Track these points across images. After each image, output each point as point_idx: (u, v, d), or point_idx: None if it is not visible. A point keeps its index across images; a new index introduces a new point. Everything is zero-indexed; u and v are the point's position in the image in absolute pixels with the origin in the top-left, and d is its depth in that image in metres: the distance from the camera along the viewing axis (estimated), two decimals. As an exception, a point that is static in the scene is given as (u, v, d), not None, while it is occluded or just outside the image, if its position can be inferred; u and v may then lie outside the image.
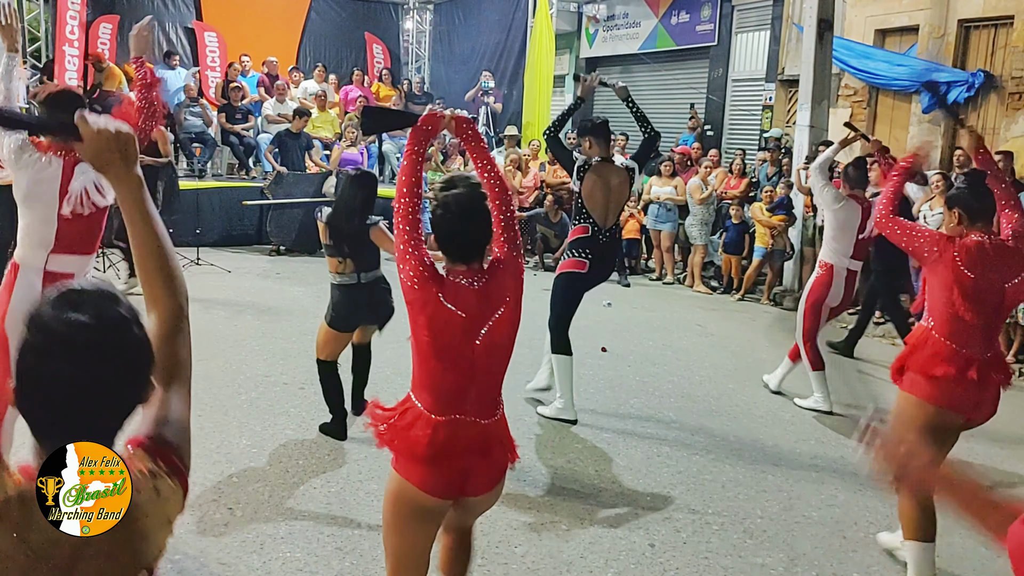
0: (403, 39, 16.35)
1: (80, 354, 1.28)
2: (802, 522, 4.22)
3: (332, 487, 4.24)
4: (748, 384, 6.45)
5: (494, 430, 2.55)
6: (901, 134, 10.31)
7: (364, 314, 4.86)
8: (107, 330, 1.31)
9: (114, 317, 1.33)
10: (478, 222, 2.50)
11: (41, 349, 1.29)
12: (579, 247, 5.33)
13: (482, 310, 2.45)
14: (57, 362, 1.28)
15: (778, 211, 9.47)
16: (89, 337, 1.29)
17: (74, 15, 12.21)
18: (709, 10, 13.51)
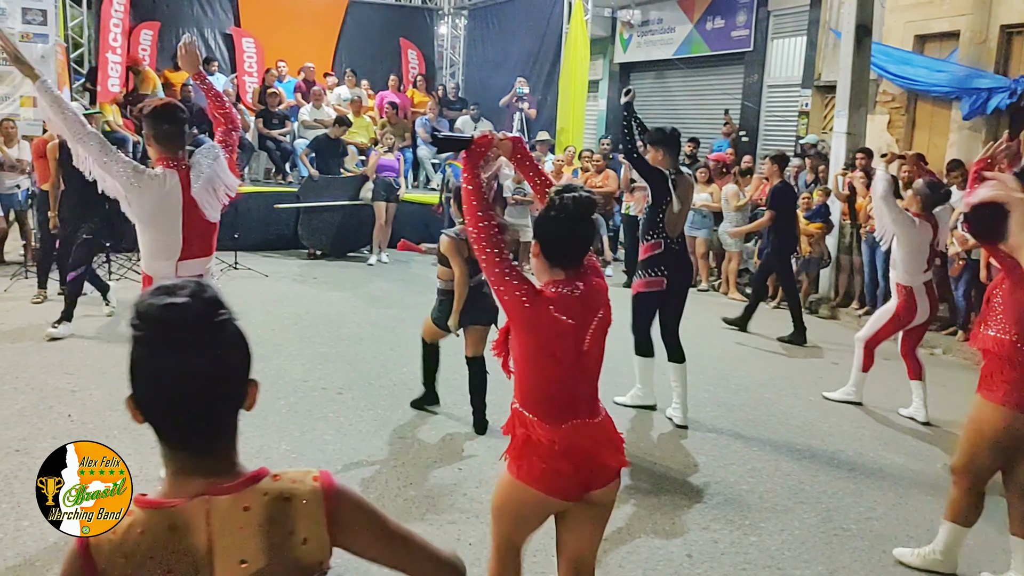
0: (438, 44, 16.44)
1: (184, 334, 1.31)
2: (841, 535, 4.19)
3: (371, 494, 4.28)
4: (785, 393, 6.41)
5: (606, 426, 2.62)
6: (941, 141, 10.18)
7: (471, 314, 5.12)
8: (204, 307, 1.33)
9: (208, 297, 1.35)
10: (589, 226, 2.56)
11: (146, 340, 1.31)
12: (655, 265, 5.43)
13: (585, 316, 2.51)
14: (165, 348, 1.30)
15: (815, 219, 9.39)
16: (188, 316, 1.31)
17: (117, 22, 12.45)
18: (745, 16, 13.45)
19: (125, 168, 3.68)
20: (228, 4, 14.04)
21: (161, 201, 3.75)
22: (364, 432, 5.14)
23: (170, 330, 1.30)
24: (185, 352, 1.30)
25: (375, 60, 15.04)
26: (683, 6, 14.66)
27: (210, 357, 1.33)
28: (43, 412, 5.18)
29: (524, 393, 2.56)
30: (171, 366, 1.30)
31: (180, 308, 1.30)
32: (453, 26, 16.57)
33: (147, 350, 1.31)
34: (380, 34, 15.26)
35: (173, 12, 13.54)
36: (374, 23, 15.27)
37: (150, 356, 1.31)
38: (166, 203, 3.76)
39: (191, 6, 13.75)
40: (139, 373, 1.33)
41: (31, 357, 6.27)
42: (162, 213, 3.78)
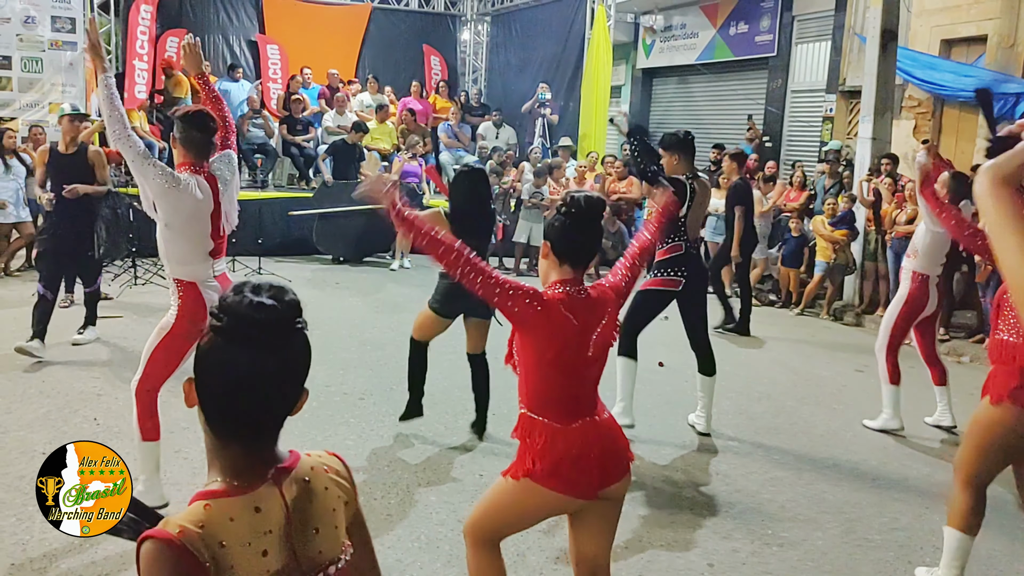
0: (460, 51, 16.50)
1: (264, 334, 1.36)
2: (864, 545, 4.14)
3: (391, 499, 4.29)
4: (807, 401, 6.36)
5: (611, 423, 2.69)
6: (968, 146, 10.07)
7: (467, 301, 4.83)
8: (286, 311, 1.40)
9: (292, 302, 1.41)
10: (599, 227, 2.67)
11: (228, 331, 1.37)
12: (675, 266, 5.26)
13: (590, 319, 2.58)
14: (242, 343, 1.36)
15: (840, 225, 9.31)
16: (272, 317, 1.37)
17: (144, 30, 12.61)
18: (768, 21, 13.38)
19: (163, 174, 3.74)
20: (253, 11, 14.18)
21: (197, 208, 3.83)
22: (385, 437, 5.15)
23: (253, 328, 1.36)
24: (262, 351, 1.36)
25: (398, 66, 15.12)
26: (706, 11, 14.61)
27: (282, 359, 1.40)
28: (68, 416, 5.24)
29: (531, 397, 2.62)
30: (246, 362, 1.36)
31: (267, 309, 1.37)
32: (476, 32, 16.61)
33: (226, 343, 1.37)
34: (403, 40, 15.33)
35: (199, 19, 13.69)
36: (397, 30, 15.36)
37: (227, 349, 1.37)
38: (200, 210, 3.85)
39: (216, 13, 13.90)
40: (211, 363, 1.39)
41: (57, 361, 6.35)
42: (197, 219, 3.86)
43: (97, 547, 3.64)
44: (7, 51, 11.29)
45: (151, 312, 8.10)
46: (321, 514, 1.49)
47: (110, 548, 3.63)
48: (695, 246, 5.44)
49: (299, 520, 1.45)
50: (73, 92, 11.49)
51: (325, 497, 1.50)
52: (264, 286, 1.40)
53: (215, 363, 1.38)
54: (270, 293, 1.39)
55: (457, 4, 16.13)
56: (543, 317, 2.52)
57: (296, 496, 1.45)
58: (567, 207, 2.61)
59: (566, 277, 2.61)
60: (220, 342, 1.37)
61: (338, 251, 11.31)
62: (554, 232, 2.64)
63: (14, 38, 11.31)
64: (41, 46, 11.45)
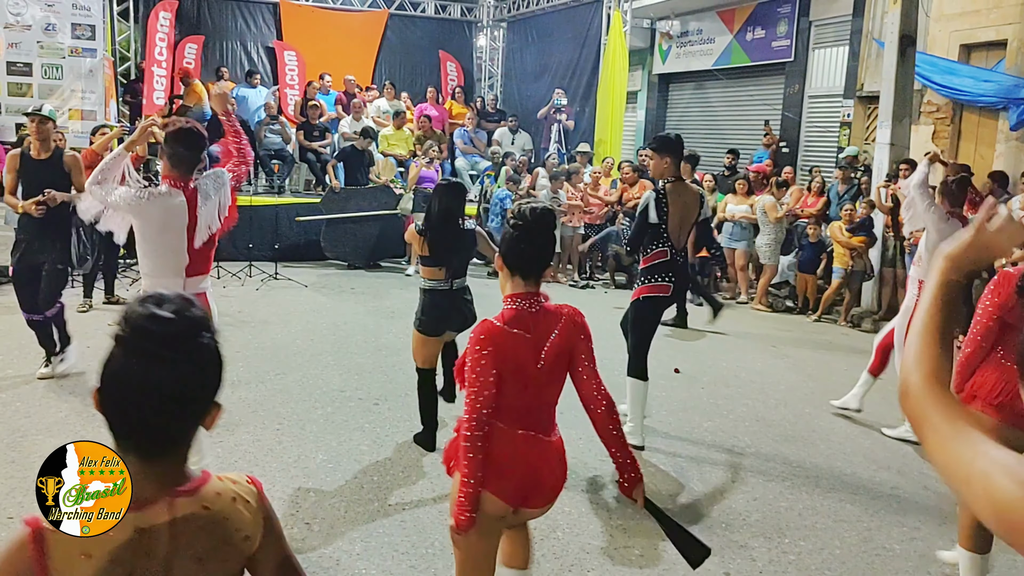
0: (476, 56, 16.53)
1: (158, 346, 1.35)
2: (883, 554, 4.10)
3: (406, 505, 4.29)
4: (825, 408, 6.31)
5: (557, 448, 2.72)
6: (987, 152, 9.98)
7: (451, 319, 4.92)
8: (185, 325, 1.37)
9: (193, 316, 1.39)
10: (549, 238, 2.70)
11: (126, 342, 1.36)
12: (661, 271, 5.19)
13: (541, 331, 2.61)
14: (138, 355, 1.35)
15: (858, 231, 9.25)
16: (168, 330, 1.35)
17: (163, 36, 12.73)
18: (785, 26, 13.33)
19: (127, 195, 3.79)
20: (271, 18, 14.28)
21: (167, 218, 3.83)
22: (400, 443, 5.15)
23: (145, 340, 1.34)
24: (155, 363, 1.34)
25: (415, 72, 15.18)
26: (723, 17, 14.56)
27: (177, 374, 1.36)
28: (86, 419, 5.26)
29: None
30: (138, 373, 1.34)
31: (161, 321, 1.35)
32: (492, 38, 16.64)
33: (121, 352, 1.36)
34: (420, 47, 15.39)
35: (217, 26, 13.80)
36: (414, 36, 15.42)
37: (123, 360, 1.36)
38: (172, 220, 3.84)
39: (234, 20, 14.00)
40: (109, 371, 1.37)
41: (76, 364, 6.38)
42: (168, 230, 3.85)
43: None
44: (28, 58, 11.41)
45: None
46: (212, 546, 1.42)
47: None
48: (681, 253, 5.28)
49: (184, 548, 1.39)
50: (92, 99, 11.60)
51: (222, 528, 1.44)
52: (170, 298, 1.38)
53: (112, 372, 1.36)
54: (173, 306, 1.36)
55: (473, 10, 16.17)
56: (495, 354, 2.52)
57: (186, 521, 1.39)
58: (516, 219, 2.65)
59: (518, 291, 2.64)
60: (118, 351, 1.36)
61: (344, 256, 11.34)
62: (505, 244, 2.67)
63: (35, 45, 11.43)
64: (61, 53, 11.56)
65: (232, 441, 4.93)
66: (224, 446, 4.79)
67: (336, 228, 11.24)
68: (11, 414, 5.30)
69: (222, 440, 4.83)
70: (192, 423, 1.43)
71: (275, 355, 6.81)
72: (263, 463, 4.69)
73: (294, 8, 14.30)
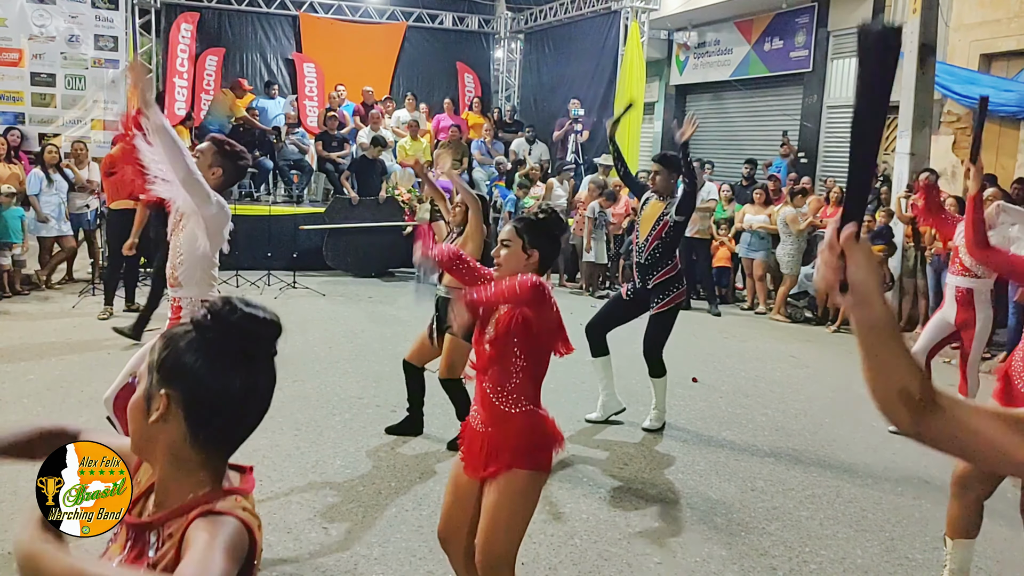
0: (494, 68, 16.58)
1: (259, 352, 1.37)
2: (905, 564, 4.05)
3: (423, 511, 4.28)
4: (845, 418, 6.25)
5: None
6: (1008, 162, 9.91)
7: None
8: (279, 328, 1.39)
9: (278, 320, 1.40)
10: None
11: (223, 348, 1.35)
12: (678, 282, 5.66)
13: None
14: (253, 361, 1.36)
15: (877, 240, 9.18)
16: (272, 333, 1.37)
17: (184, 48, 12.86)
18: (804, 36, 13.31)
19: (220, 209, 3.67)
20: (290, 30, 14.38)
21: (224, 224, 3.77)
22: (416, 449, 5.14)
23: (254, 344, 1.36)
24: (259, 367, 1.37)
25: (432, 84, 15.22)
26: (741, 27, 14.56)
27: (272, 376, 1.40)
28: (107, 426, 5.28)
29: (526, 388, 2.76)
30: (261, 379, 1.37)
31: (268, 324, 1.36)
32: (509, 50, 16.69)
33: (240, 361, 1.35)
34: (437, 58, 15.45)
35: (237, 39, 13.91)
36: (432, 47, 15.47)
37: (240, 366, 1.35)
38: (225, 227, 3.80)
39: (254, 33, 14.10)
40: (204, 377, 1.34)
41: (96, 372, 6.43)
42: (223, 240, 3.81)
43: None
44: (51, 69, 11.55)
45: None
46: None
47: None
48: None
49: None
50: (115, 109, 11.72)
51: None
52: (252, 303, 1.37)
53: (210, 379, 1.34)
54: (265, 310, 1.37)
55: (491, 22, 16.23)
56: (557, 311, 2.74)
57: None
58: (557, 230, 2.91)
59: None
60: (224, 361, 1.34)
61: (346, 267, 11.40)
62: (547, 245, 2.87)
63: (58, 56, 11.57)
64: (84, 64, 11.70)
65: (250, 446, 4.88)
66: (242, 451, 4.75)
67: (339, 239, 11.30)
68: (31, 418, 5.33)
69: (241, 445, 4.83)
70: (254, 427, 1.46)
71: (293, 362, 6.83)
72: (281, 467, 4.69)
73: (313, 20, 14.40)
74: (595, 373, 5.89)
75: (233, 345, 1.34)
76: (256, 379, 1.36)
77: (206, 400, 1.34)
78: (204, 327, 1.34)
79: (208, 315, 1.34)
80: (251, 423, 1.41)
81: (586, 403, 6.01)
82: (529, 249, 2.84)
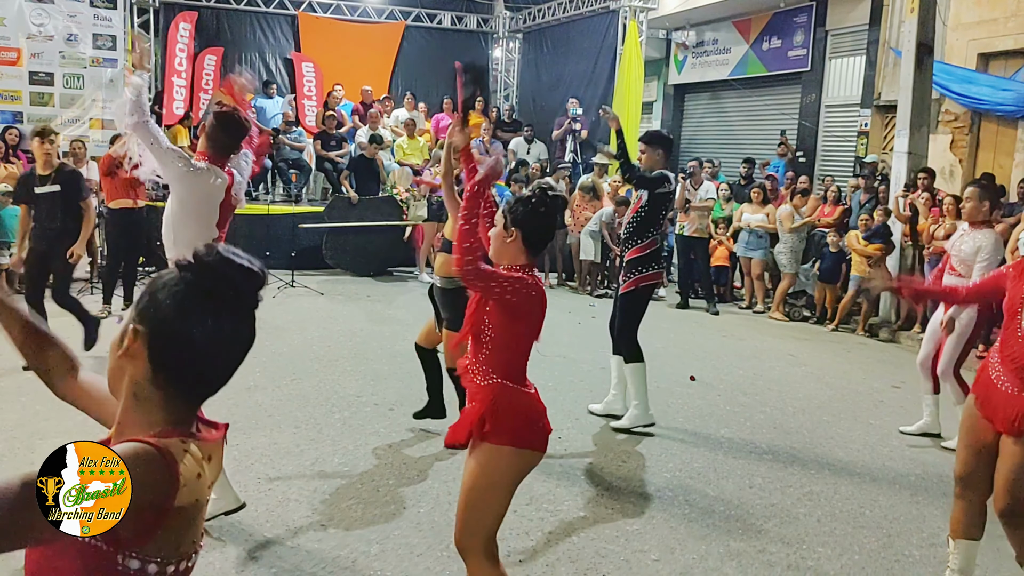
0: (492, 67, 16.58)
1: (246, 302, 1.36)
2: (903, 560, 4.06)
3: (422, 508, 4.28)
4: (844, 416, 6.26)
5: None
6: (1006, 161, 9.93)
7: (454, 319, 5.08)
8: (264, 279, 1.39)
9: (265, 272, 1.40)
10: (557, 222, 2.90)
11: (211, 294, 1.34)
12: (655, 260, 5.58)
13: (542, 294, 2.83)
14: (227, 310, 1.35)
15: (875, 239, 9.20)
16: (258, 284, 1.37)
17: (183, 47, 12.86)
18: (802, 36, 13.32)
19: (180, 157, 3.85)
20: (289, 30, 14.38)
21: (209, 194, 3.90)
22: (415, 448, 5.15)
23: (242, 293, 1.35)
24: (243, 317, 1.36)
25: (430, 83, 15.24)
26: (739, 27, 14.57)
27: (253, 327, 1.39)
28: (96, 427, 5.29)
29: (503, 364, 2.74)
30: (228, 327, 1.35)
31: (245, 272, 1.35)
32: (508, 49, 16.70)
33: (209, 305, 1.33)
34: (435, 58, 15.44)
35: (236, 38, 13.91)
36: (430, 47, 15.48)
37: (208, 311, 1.33)
38: (212, 197, 3.91)
39: (253, 32, 14.11)
40: (170, 316, 1.33)
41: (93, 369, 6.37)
42: (207, 204, 3.92)
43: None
44: (50, 68, 11.55)
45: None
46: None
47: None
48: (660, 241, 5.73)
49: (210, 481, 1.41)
50: (113, 108, 11.71)
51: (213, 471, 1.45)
52: (241, 254, 1.37)
53: (191, 325, 1.32)
54: (253, 262, 1.37)
55: (489, 21, 16.24)
56: (541, 296, 2.76)
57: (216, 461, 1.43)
58: (543, 206, 2.79)
59: (528, 262, 2.82)
60: (200, 302, 1.33)
61: (346, 266, 11.41)
62: (531, 223, 2.78)
63: (57, 55, 11.57)
64: (82, 63, 11.70)
65: (249, 444, 4.95)
66: (241, 449, 4.81)
67: (338, 238, 11.31)
68: (30, 416, 5.34)
69: (239, 443, 4.85)
70: (227, 378, 1.43)
71: (292, 361, 6.84)
72: (280, 465, 4.70)
73: (312, 20, 14.40)
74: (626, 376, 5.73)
75: (205, 287, 1.33)
76: (225, 325, 1.33)
77: (169, 339, 1.33)
78: (183, 267, 1.35)
79: (190, 258, 1.34)
80: (219, 372, 1.37)
81: (584, 399, 6.03)
82: (510, 228, 2.79)
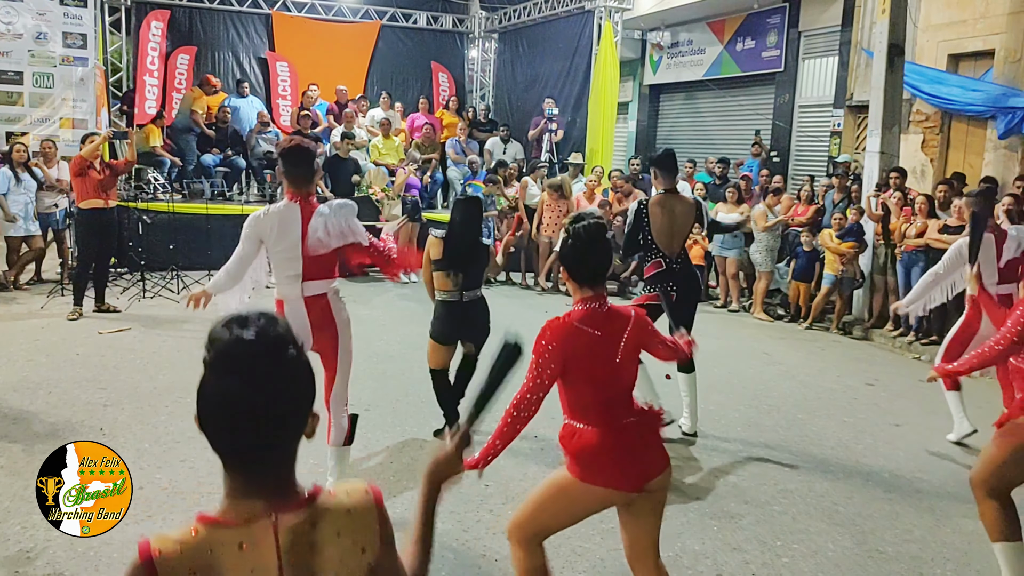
0: (468, 67, 16.57)
1: (247, 369, 1.35)
2: (876, 557, 4.09)
3: (397, 509, 4.26)
4: (818, 414, 6.31)
5: (648, 421, 2.91)
6: (976, 160, 10.05)
7: (463, 330, 5.23)
8: (269, 344, 1.37)
9: (275, 334, 1.38)
10: (604, 249, 2.90)
11: (214, 365, 1.36)
12: (658, 282, 5.42)
13: (613, 329, 2.85)
14: (227, 377, 1.35)
15: (848, 238, 9.28)
16: (253, 351, 1.35)
17: (155, 47, 12.72)
18: (775, 36, 13.42)
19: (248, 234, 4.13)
20: (263, 29, 14.27)
21: (282, 228, 4.04)
22: (391, 448, 5.13)
23: (233, 363, 1.35)
24: (245, 386, 1.34)
25: (406, 83, 15.20)
26: (713, 27, 14.65)
27: (271, 391, 1.36)
28: (75, 426, 5.23)
29: (571, 407, 2.87)
30: (234, 396, 1.34)
31: (246, 344, 1.35)
32: (484, 49, 16.68)
33: (214, 377, 1.36)
34: (411, 57, 15.41)
35: (209, 37, 13.78)
36: (406, 47, 15.43)
37: (216, 383, 1.36)
38: (287, 230, 4.04)
39: (226, 31, 13.98)
40: (205, 396, 1.37)
41: (64, 372, 6.36)
42: (283, 239, 4.05)
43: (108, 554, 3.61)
44: (19, 67, 11.37)
45: (158, 324, 8.13)
46: (326, 565, 1.42)
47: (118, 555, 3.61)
48: (677, 262, 5.49)
49: (294, 568, 1.38)
50: (84, 107, 11.56)
51: (335, 545, 1.43)
52: (251, 319, 1.38)
53: (206, 394, 1.37)
54: (255, 327, 1.37)
55: (465, 21, 16.22)
56: (560, 349, 2.77)
57: (294, 541, 1.38)
58: (573, 239, 2.87)
59: (587, 295, 2.87)
60: (209, 376, 1.36)
61: None
62: (568, 261, 2.91)
63: (26, 54, 11.39)
64: (52, 62, 11.53)
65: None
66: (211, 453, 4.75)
67: None
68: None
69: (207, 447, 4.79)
70: (291, 437, 1.42)
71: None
72: (254, 468, 4.65)
73: (286, 19, 14.30)
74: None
75: (209, 356, 1.36)
76: (230, 390, 1.35)
77: (205, 414, 1.38)
78: (205, 347, 1.39)
79: (208, 335, 1.39)
80: (243, 438, 1.37)
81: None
82: (565, 270, 2.94)
